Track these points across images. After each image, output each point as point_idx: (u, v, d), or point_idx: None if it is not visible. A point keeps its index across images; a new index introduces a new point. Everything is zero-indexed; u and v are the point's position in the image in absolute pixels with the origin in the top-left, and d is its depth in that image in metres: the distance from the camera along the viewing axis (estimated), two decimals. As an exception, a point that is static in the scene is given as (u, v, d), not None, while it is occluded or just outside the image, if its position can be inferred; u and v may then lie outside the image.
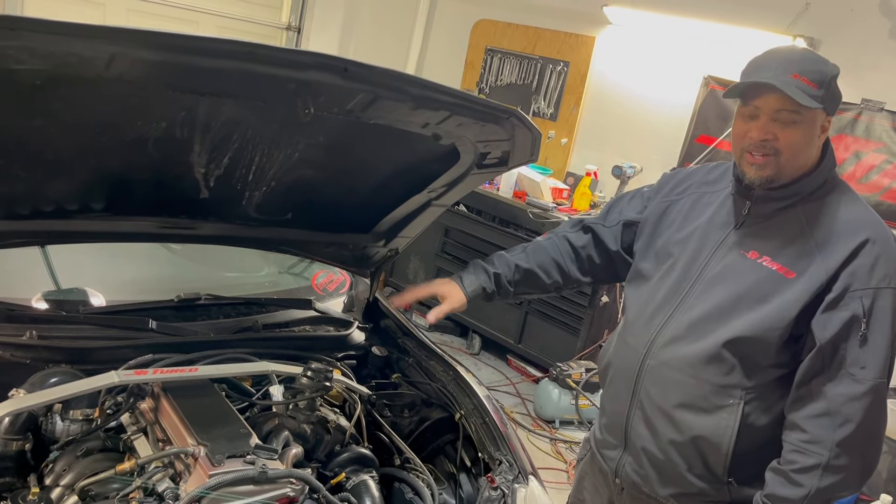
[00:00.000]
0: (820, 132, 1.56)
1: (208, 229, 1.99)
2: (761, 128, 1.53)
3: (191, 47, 1.32)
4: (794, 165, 1.56)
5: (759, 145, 1.54)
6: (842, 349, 1.48)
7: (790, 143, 1.52)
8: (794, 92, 1.46)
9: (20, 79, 1.28)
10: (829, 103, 1.52)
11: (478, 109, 1.69)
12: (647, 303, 1.74)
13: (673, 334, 1.66)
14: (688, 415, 1.63)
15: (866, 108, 3.85)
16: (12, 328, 1.78)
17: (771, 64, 1.53)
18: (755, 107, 1.54)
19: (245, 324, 2.14)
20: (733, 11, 4.21)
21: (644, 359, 1.70)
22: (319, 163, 1.86)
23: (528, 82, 5.33)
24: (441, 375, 2.12)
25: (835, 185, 1.61)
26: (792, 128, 1.51)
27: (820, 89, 1.49)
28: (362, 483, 1.71)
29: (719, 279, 1.63)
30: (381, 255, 2.30)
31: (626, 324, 1.82)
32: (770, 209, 1.61)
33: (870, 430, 1.50)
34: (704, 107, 4.43)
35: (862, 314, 1.47)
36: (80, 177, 1.71)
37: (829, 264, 1.50)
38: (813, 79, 1.48)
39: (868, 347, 1.48)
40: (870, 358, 1.47)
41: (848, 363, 1.48)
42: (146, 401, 1.65)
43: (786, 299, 1.53)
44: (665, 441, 1.67)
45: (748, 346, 1.56)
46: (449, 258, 5.01)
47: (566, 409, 4.12)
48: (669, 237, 1.76)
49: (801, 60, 1.52)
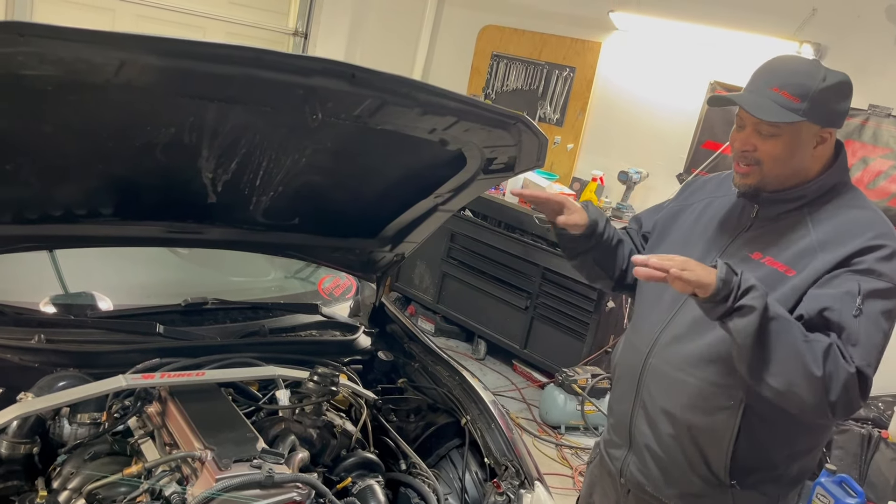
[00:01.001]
0: (816, 142, 1.56)
1: (215, 234, 2.00)
2: (743, 139, 1.58)
3: (199, 53, 1.33)
4: (780, 175, 1.58)
5: (742, 155, 1.59)
6: (834, 318, 1.43)
7: (770, 154, 1.55)
8: (759, 110, 1.50)
9: (30, 84, 1.29)
10: (815, 115, 1.51)
11: (484, 115, 1.69)
12: (653, 304, 1.76)
13: (675, 333, 1.68)
14: (688, 414, 1.64)
15: (873, 114, 3.84)
16: (21, 332, 1.78)
17: (759, 76, 1.58)
18: (740, 117, 1.59)
19: (252, 328, 2.14)
20: (740, 17, 4.21)
21: (647, 358, 1.71)
22: (326, 168, 1.87)
23: (534, 88, 5.34)
24: (447, 380, 2.12)
25: (845, 191, 1.61)
26: (772, 140, 1.54)
27: (802, 102, 1.49)
28: (368, 488, 1.71)
29: None
30: (387, 259, 2.31)
31: (633, 324, 1.85)
32: (776, 212, 1.62)
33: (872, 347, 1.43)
34: (710, 112, 4.43)
35: (857, 292, 1.44)
36: (88, 182, 1.72)
37: (827, 262, 1.50)
38: (794, 92, 1.50)
39: (863, 324, 1.42)
40: (863, 337, 1.42)
41: (843, 335, 1.42)
42: (153, 405, 1.66)
43: (783, 293, 1.52)
44: (667, 440, 1.68)
45: None
46: (455, 263, 5.02)
47: (572, 415, 4.11)
48: (678, 239, 1.78)
49: (785, 73, 1.54)
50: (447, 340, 5.08)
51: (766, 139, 1.54)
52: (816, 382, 1.39)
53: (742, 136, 1.58)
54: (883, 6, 3.86)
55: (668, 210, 1.88)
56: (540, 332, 4.59)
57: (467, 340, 5.10)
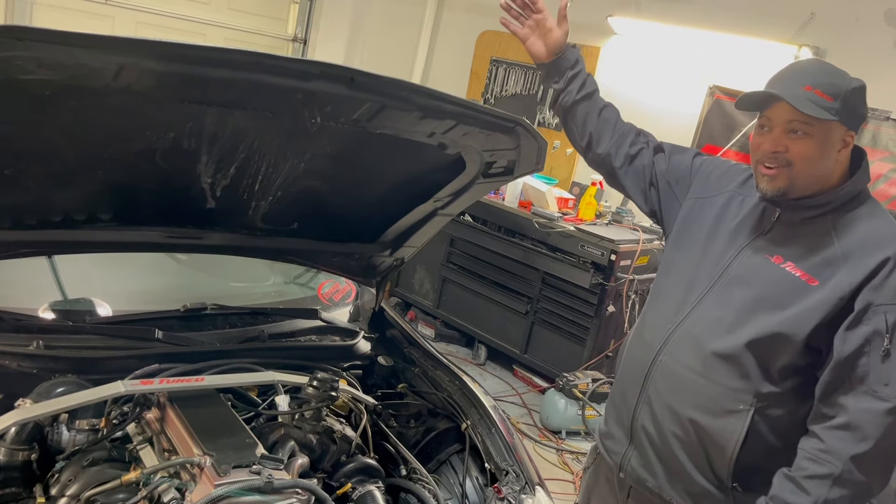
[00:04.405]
0: (841, 146, 1.54)
1: (215, 239, 2.00)
2: (773, 140, 1.54)
3: (198, 57, 1.33)
4: (809, 178, 1.54)
5: (772, 157, 1.54)
6: (863, 364, 1.45)
7: (802, 155, 1.52)
8: (801, 104, 1.46)
9: (29, 89, 1.29)
10: (846, 116, 1.50)
11: (484, 119, 1.69)
12: (668, 300, 1.74)
13: (689, 332, 1.66)
14: (696, 415, 1.62)
15: (872, 117, 3.84)
16: (19, 338, 1.78)
17: (786, 76, 1.54)
18: (767, 118, 1.55)
19: (251, 334, 2.14)
20: (738, 21, 4.22)
21: (658, 354, 1.70)
22: (326, 173, 1.86)
23: (533, 92, 5.35)
24: (447, 385, 2.11)
25: (866, 199, 1.59)
26: (804, 140, 1.51)
27: (835, 101, 1.48)
28: (368, 493, 1.70)
29: (740, 281, 1.62)
30: (386, 264, 2.31)
31: (645, 319, 1.82)
32: (799, 217, 1.60)
33: (886, 450, 1.47)
34: (710, 116, 4.43)
35: (885, 329, 1.44)
36: (87, 187, 1.71)
37: (853, 277, 1.48)
38: (827, 91, 1.48)
39: (892, 363, 1.44)
40: (894, 375, 1.44)
41: (871, 380, 1.45)
42: (152, 411, 1.65)
43: (806, 307, 1.51)
44: (670, 438, 1.67)
45: (763, 350, 1.55)
46: (455, 268, 5.01)
47: (572, 420, 4.10)
48: (697, 235, 1.75)
49: (816, 73, 1.53)
50: (447, 345, 5.07)
51: (798, 139, 1.51)
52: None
53: (772, 137, 1.53)
54: (881, 9, 3.87)
55: (690, 203, 1.81)
56: (540, 336, 4.58)
57: (468, 345, 5.10)
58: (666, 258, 1.85)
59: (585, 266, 4.26)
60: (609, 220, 4.57)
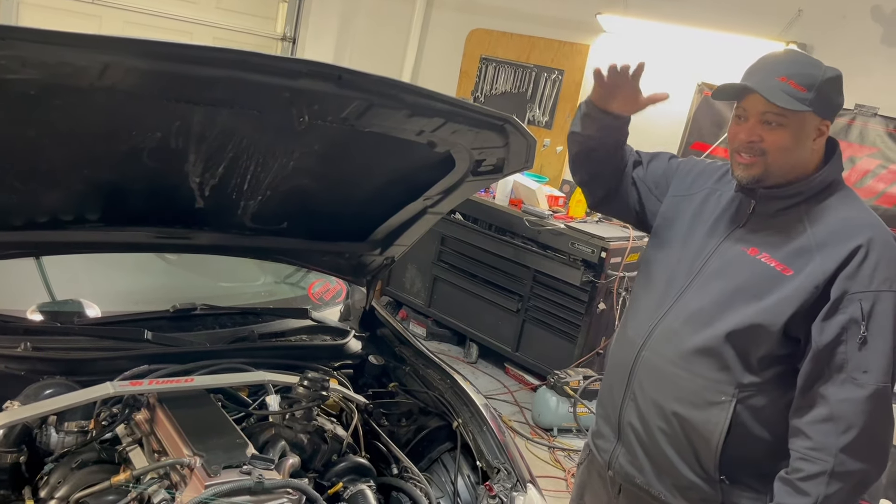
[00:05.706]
0: (815, 135, 1.57)
1: (204, 239, 1.99)
2: (749, 130, 1.57)
3: (184, 56, 1.32)
4: (784, 166, 1.57)
5: (747, 146, 1.57)
6: (840, 353, 1.48)
7: (777, 145, 1.55)
8: (774, 95, 1.49)
9: (13, 88, 1.28)
10: (820, 106, 1.52)
11: (473, 116, 1.69)
12: (649, 297, 1.76)
13: (669, 326, 1.68)
14: (679, 408, 1.64)
15: (860, 114, 3.87)
16: (7, 340, 1.77)
17: (760, 67, 1.57)
18: (743, 108, 1.58)
19: (241, 334, 2.13)
20: (726, 18, 4.23)
21: (640, 351, 1.72)
22: (314, 171, 1.86)
23: (522, 91, 5.35)
24: (438, 384, 2.11)
25: (840, 189, 1.61)
26: (778, 130, 1.54)
27: (809, 92, 1.50)
28: (360, 493, 1.70)
29: (718, 274, 1.64)
30: (377, 263, 2.30)
31: (627, 317, 1.85)
32: (774, 208, 1.62)
33: (874, 434, 1.49)
34: (698, 114, 4.45)
35: (861, 317, 1.47)
36: (74, 187, 1.70)
37: (826, 265, 1.50)
38: (801, 82, 1.50)
39: (869, 350, 1.47)
40: (871, 362, 1.46)
41: (850, 367, 1.47)
42: (142, 412, 1.64)
43: (782, 297, 1.53)
44: (657, 433, 1.68)
45: (743, 341, 1.57)
46: (445, 266, 5.01)
47: (564, 417, 4.11)
48: (676, 232, 1.78)
49: (791, 63, 1.55)
50: (439, 344, 5.07)
51: (773, 129, 1.54)
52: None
53: (747, 127, 1.57)
54: (868, 6, 3.89)
55: (671, 201, 1.84)
56: (531, 334, 4.59)
57: (459, 344, 5.10)
58: (646, 255, 1.87)
59: (576, 264, 4.27)
60: (599, 218, 4.57)
